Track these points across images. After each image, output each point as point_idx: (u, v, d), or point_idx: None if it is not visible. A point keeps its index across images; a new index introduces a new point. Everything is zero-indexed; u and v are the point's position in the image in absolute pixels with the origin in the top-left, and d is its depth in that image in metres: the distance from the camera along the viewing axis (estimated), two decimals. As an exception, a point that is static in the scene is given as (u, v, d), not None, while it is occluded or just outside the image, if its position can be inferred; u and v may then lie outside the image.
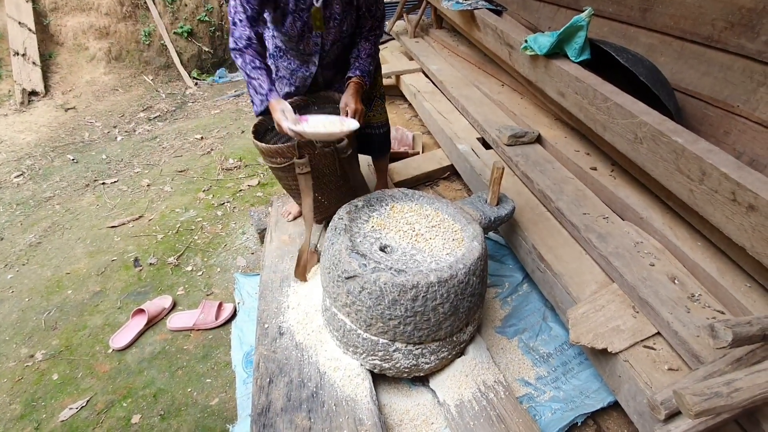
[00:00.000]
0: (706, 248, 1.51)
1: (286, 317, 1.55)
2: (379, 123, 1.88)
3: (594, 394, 1.42)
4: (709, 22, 1.76)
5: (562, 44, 1.91)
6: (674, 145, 1.37)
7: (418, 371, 1.36)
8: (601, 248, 1.54)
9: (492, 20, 2.45)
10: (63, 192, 2.72)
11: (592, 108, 1.74)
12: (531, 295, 1.79)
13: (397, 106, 3.38)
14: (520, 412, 1.28)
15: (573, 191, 1.85)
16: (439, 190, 2.45)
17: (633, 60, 1.77)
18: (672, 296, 1.35)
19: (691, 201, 1.38)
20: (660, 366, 1.24)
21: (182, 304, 1.89)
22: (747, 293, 1.34)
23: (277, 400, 1.28)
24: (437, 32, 3.71)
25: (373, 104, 1.81)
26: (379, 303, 1.21)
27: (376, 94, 1.80)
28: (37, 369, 1.65)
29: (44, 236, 2.34)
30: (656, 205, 1.70)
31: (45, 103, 3.85)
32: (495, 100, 2.63)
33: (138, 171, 2.91)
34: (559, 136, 2.20)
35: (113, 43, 4.39)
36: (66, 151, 3.21)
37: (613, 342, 1.30)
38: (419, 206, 1.52)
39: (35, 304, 1.92)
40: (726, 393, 0.90)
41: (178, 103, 4.05)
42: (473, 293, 1.29)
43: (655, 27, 2.01)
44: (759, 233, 1.17)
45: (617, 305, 1.41)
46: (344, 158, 1.56)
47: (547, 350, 1.57)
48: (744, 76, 1.64)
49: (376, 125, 1.87)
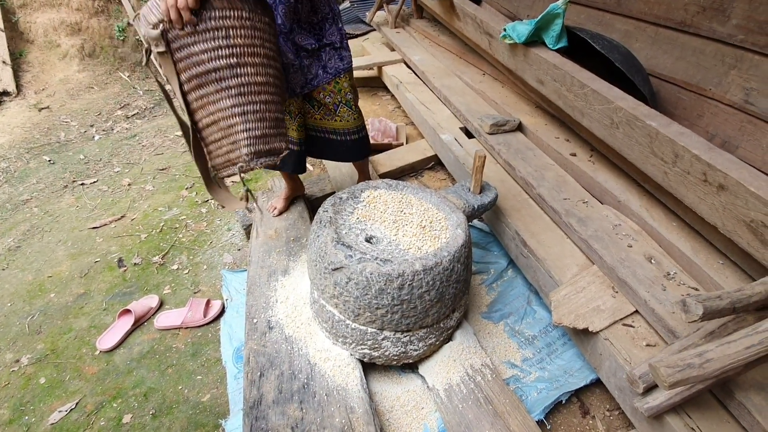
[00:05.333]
0: (681, 228, 1.56)
1: (275, 311, 1.56)
2: (346, 130, 1.74)
3: (577, 373, 1.47)
4: (682, 6, 1.80)
5: (539, 32, 1.93)
6: (648, 129, 1.41)
7: (407, 358, 1.39)
8: (582, 232, 1.58)
9: (471, 9, 2.46)
10: (41, 194, 2.66)
11: (570, 95, 1.77)
12: (515, 280, 1.83)
13: (380, 98, 3.38)
14: (506, 393, 1.32)
15: (554, 177, 1.88)
16: (423, 180, 2.47)
17: (609, 46, 1.81)
18: (649, 275, 1.40)
19: (666, 183, 1.42)
20: (638, 342, 1.29)
21: (169, 303, 1.88)
22: (720, 270, 1.40)
23: (269, 393, 1.29)
24: (418, 22, 3.70)
25: (339, 110, 1.68)
26: (366, 293, 1.22)
27: (341, 100, 1.66)
28: (24, 373, 1.63)
29: (23, 240, 2.29)
30: (633, 188, 1.75)
31: (17, 104, 3.73)
32: (476, 90, 2.64)
33: (118, 170, 2.86)
34: (540, 124, 2.23)
35: (86, 40, 4.27)
36: (42, 152, 3.13)
37: (594, 321, 1.34)
38: (404, 196, 1.54)
39: (18, 308, 1.89)
40: (698, 364, 0.94)
41: (157, 99, 3.97)
42: (458, 280, 1.31)
43: (630, 13, 2.05)
44: (729, 212, 1.22)
45: (597, 286, 1.45)
46: None
47: (532, 333, 1.61)
48: (716, 60, 1.68)
49: (342, 131, 1.74)
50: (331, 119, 1.70)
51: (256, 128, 1.18)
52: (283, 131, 1.27)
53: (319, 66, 1.57)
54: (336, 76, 1.61)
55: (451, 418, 1.28)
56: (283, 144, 1.26)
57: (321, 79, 1.60)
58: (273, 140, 1.23)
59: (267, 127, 1.21)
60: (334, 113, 1.68)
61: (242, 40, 1.13)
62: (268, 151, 1.22)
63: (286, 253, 1.82)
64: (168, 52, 1.09)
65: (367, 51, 3.75)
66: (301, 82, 1.58)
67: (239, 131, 1.17)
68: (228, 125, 1.16)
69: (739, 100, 1.59)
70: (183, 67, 1.10)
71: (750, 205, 1.15)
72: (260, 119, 1.19)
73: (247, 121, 1.17)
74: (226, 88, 1.13)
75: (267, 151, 1.22)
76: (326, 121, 1.72)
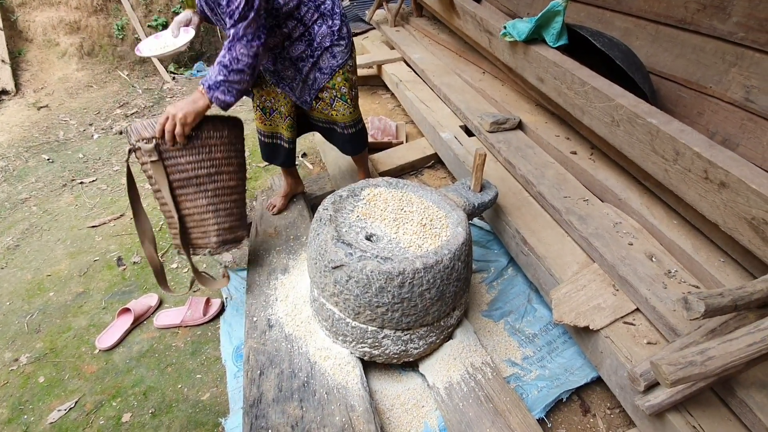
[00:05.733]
0: (682, 226, 1.56)
1: (275, 310, 1.55)
2: (343, 123, 1.78)
3: (578, 371, 1.46)
4: (682, 4, 1.79)
5: (540, 30, 1.93)
6: (649, 127, 1.41)
7: (407, 357, 1.39)
8: (582, 230, 1.58)
9: (471, 7, 2.45)
10: (39, 193, 2.65)
11: (570, 92, 1.76)
12: (516, 278, 1.82)
13: (380, 96, 3.37)
14: (507, 391, 1.32)
15: (554, 175, 1.88)
16: (423, 179, 2.47)
17: (609, 44, 1.80)
18: (650, 273, 1.40)
19: (667, 181, 1.42)
20: (639, 340, 1.29)
21: (168, 301, 1.87)
22: (721, 268, 1.39)
23: (269, 391, 1.29)
24: (418, 20, 3.70)
25: (334, 104, 1.71)
26: (366, 291, 1.22)
27: (336, 95, 1.68)
28: (23, 372, 1.62)
29: (22, 238, 2.28)
30: (634, 186, 1.74)
31: (16, 102, 3.72)
32: (476, 88, 2.64)
33: (117, 169, 2.85)
34: (540, 122, 2.23)
35: (85, 38, 4.26)
36: (40, 150, 3.12)
37: (595, 319, 1.34)
38: (404, 194, 1.53)
39: (17, 307, 1.89)
40: (700, 361, 0.94)
41: (156, 98, 3.96)
42: (459, 278, 1.31)
43: (630, 11, 2.04)
44: (730, 209, 1.22)
45: (598, 284, 1.45)
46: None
47: (532, 331, 1.61)
48: (716, 58, 1.68)
49: (341, 124, 1.78)
50: (328, 112, 1.75)
51: (225, 222, 1.48)
52: (246, 222, 1.59)
53: (315, 69, 1.63)
54: (332, 75, 1.64)
55: (451, 417, 1.27)
56: (245, 233, 1.57)
57: (320, 81, 1.65)
58: (237, 230, 1.53)
59: (233, 220, 1.51)
60: (330, 107, 1.73)
61: (221, 154, 1.41)
62: (233, 239, 1.53)
63: (285, 251, 1.81)
64: (160, 161, 1.33)
65: (366, 49, 3.74)
66: (307, 92, 1.68)
67: (210, 224, 1.46)
68: (202, 219, 1.44)
69: (739, 98, 1.59)
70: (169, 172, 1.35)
71: (751, 202, 1.14)
72: (229, 215, 1.49)
73: (218, 216, 1.46)
74: (204, 190, 1.40)
75: (232, 239, 1.52)
76: (326, 113, 1.77)
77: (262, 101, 1.74)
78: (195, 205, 1.42)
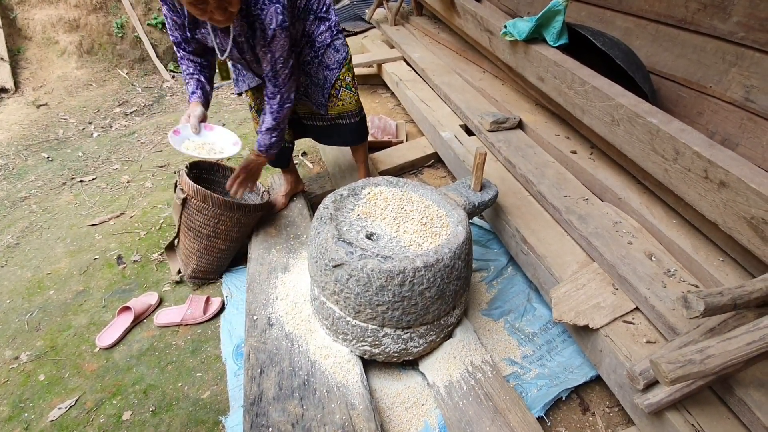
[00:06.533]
0: (681, 225, 1.56)
1: (275, 308, 1.55)
2: (350, 112, 1.85)
3: (577, 370, 1.47)
4: (682, 4, 1.79)
5: (540, 29, 1.93)
6: (649, 126, 1.41)
7: (407, 355, 1.39)
8: (582, 229, 1.58)
9: (472, 6, 2.45)
10: (39, 191, 2.65)
11: (570, 92, 1.77)
12: (515, 277, 1.83)
13: (380, 95, 3.37)
14: (507, 389, 1.32)
15: (554, 175, 1.88)
16: (423, 178, 2.47)
17: (609, 44, 1.80)
18: (649, 272, 1.40)
19: (666, 180, 1.42)
20: (638, 339, 1.29)
21: (169, 300, 1.87)
22: (720, 267, 1.40)
23: (269, 389, 1.29)
24: (418, 19, 3.69)
25: (340, 94, 1.78)
26: (366, 290, 1.22)
27: (341, 85, 1.75)
28: (23, 370, 1.62)
29: (22, 237, 2.28)
30: (633, 186, 1.75)
31: (15, 101, 3.72)
32: (477, 87, 2.64)
33: (117, 167, 2.85)
34: (540, 121, 2.23)
35: (84, 36, 4.25)
36: (40, 149, 3.12)
37: (594, 318, 1.35)
38: (404, 193, 1.53)
39: (17, 305, 1.89)
40: (699, 360, 0.94)
41: (156, 96, 3.96)
42: (459, 277, 1.31)
43: (631, 10, 2.04)
44: (730, 209, 1.22)
45: (597, 283, 1.45)
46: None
47: (532, 330, 1.62)
48: (716, 57, 1.68)
49: (347, 114, 1.85)
50: (334, 105, 1.79)
51: (203, 267, 1.84)
52: (221, 270, 1.91)
53: (323, 67, 1.69)
54: (340, 68, 1.70)
55: (451, 415, 1.28)
56: (217, 276, 1.91)
57: (331, 78, 1.71)
58: (209, 274, 1.89)
59: (211, 269, 1.87)
60: (337, 98, 1.77)
61: (225, 227, 1.75)
62: (203, 279, 1.89)
63: (286, 250, 1.82)
64: (182, 206, 1.71)
65: (366, 48, 3.74)
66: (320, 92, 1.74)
67: (192, 260, 1.82)
68: (189, 253, 1.81)
69: (739, 98, 1.59)
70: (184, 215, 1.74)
71: (751, 201, 1.15)
72: (208, 263, 1.84)
73: (200, 260, 1.81)
74: (199, 238, 1.75)
75: (202, 278, 1.89)
76: (339, 107, 1.80)
77: (257, 104, 1.80)
78: (189, 243, 1.78)
